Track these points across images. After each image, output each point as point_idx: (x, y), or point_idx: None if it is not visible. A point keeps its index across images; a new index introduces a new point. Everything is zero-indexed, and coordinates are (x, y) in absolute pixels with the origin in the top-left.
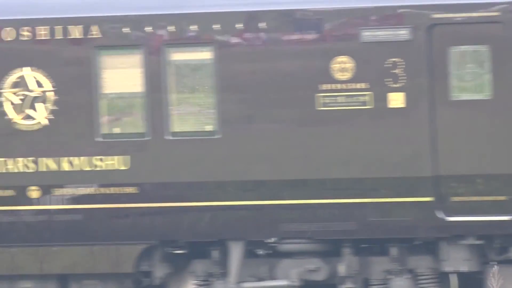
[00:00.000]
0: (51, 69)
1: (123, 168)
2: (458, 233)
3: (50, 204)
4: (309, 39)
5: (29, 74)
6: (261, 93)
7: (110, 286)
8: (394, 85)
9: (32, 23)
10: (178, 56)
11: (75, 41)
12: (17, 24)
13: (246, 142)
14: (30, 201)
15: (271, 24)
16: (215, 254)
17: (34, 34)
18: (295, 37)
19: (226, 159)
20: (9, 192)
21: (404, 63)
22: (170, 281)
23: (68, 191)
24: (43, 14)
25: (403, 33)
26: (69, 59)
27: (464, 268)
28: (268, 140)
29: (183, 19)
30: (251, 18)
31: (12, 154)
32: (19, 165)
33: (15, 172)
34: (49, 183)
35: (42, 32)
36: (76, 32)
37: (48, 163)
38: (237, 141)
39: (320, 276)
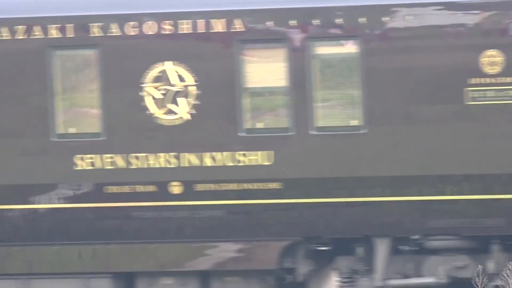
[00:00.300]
0: (193, 63)
1: (266, 163)
2: None
3: (191, 200)
4: (457, 33)
5: (171, 68)
6: (407, 88)
7: (252, 283)
8: None
9: (174, 16)
10: (323, 50)
11: (218, 35)
12: (159, 18)
13: (392, 137)
14: (172, 197)
15: (418, 18)
16: (360, 250)
17: (176, 28)
18: (442, 30)
19: (371, 154)
20: (150, 188)
21: None
22: (313, 278)
23: (210, 186)
24: (185, 8)
25: None
26: (212, 53)
27: None
28: (415, 135)
29: (328, 12)
30: (397, 11)
31: (153, 149)
32: (161, 160)
33: (156, 168)
34: (191, 178)
35: (184, 26)
36: (219, 26)
37: (190, 158)
38: (383, 136)
39: (468, 273)
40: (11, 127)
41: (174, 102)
